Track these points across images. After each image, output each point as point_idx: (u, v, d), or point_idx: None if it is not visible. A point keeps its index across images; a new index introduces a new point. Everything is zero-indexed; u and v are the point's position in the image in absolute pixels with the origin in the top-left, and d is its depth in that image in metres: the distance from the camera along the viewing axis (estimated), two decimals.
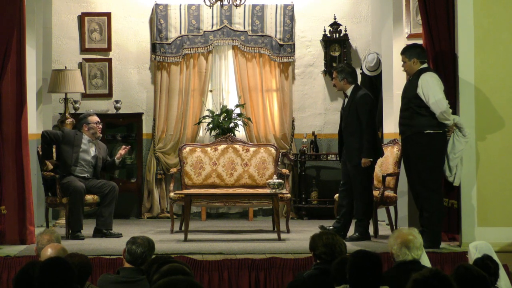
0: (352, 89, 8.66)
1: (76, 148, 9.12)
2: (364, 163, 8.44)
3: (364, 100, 8.57)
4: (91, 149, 9.22)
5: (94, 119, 9.33)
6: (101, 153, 9.32)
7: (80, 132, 9.27)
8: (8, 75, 8.18)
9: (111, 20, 11.13)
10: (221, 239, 8.72)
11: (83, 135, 9.23)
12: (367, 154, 8.45)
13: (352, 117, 8.56)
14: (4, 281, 7.13)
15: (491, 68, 8.08)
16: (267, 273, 7.18)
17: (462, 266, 4.25)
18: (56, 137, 9.14)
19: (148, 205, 11.05)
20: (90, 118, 9.33)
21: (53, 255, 4.74)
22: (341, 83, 8.71)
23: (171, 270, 4.14)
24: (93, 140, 9.26)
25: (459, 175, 7.91)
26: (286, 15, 11.15)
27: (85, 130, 9.25)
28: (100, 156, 9.28)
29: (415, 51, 7.99)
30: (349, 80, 8.68)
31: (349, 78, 8.68)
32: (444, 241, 8.10)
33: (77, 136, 9.21)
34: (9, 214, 8.24)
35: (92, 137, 9.24)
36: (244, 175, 9.84)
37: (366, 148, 8.45)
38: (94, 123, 9.28)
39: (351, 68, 8.83)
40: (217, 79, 11.22)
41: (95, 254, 7.44)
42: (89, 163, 9.17)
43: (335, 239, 5.23)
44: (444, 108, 7.73)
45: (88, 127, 9.25)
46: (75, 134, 9.25)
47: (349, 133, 8.62)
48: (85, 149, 9.18)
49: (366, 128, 8.49)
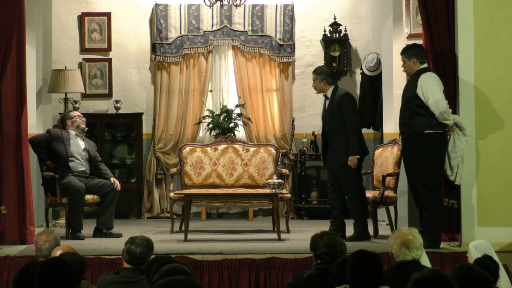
0: (332, 90, 8.65)
1: (66, 142, 9.13)
2: (351, 161, 8.44)
3: (346, 99, 8.58)
4: (80, 143, 9.24)
5: (75, 113, 9.47)
6: (91, 148, 9.32)
7: (65, 130, 9.30)
8: (8, 75, 8.18)
9: (111, 20, 11.13)
10: (221, 239, 8.72)
11: (69, 131, 9.25)
12: (353, 152, 8.45)
13: (336, 117, 8.55)
14: (4, 281, 7.13)
15: (491, 68, 8.08)
16: (267, 273, 7.18)
17: (465, 265, 4.24)
18: (44, 139, 9.12)
19: (148, 205, 11.05)
20: (71, 113, 9.45)
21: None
22: (320, 84, 8.70)
23: (171, 270, 4.14)
24: (80, 133, 9.26)
25: (460, 174, 7.91)
26: (286, 15, 11.15)
27: (69, 125, 9.29)
28: (90, 149, 9.28)
29: (414, 51, 7.99)
30: (329, 81, 8.67)
31: (328, 79, 8.67)
32: (444, 241, 8.09)
33: (64, 132, 9.25)
34: (9, 214, 8.23)
35: (77, 130, 9.26)
36: (244, 175, 9.83)
37: (352, 146, 8.45)
38: (76, 116, 9.36)
39: (330, 69, 8.83)
40: (217, 79, 11.22)
41: (95, 254, 7.44)
42: (83, 156, 9.18)
43: (336, 239, 5.23)
44: (443, 109, 7.73)
45: (72, 121, 9.30)
46: (61, 131, 9.29)
47: (333, 133, 8.61)
48: (74, 143, 9.20)
49: (351, 127, 8.48)
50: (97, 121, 10.77)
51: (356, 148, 8.46)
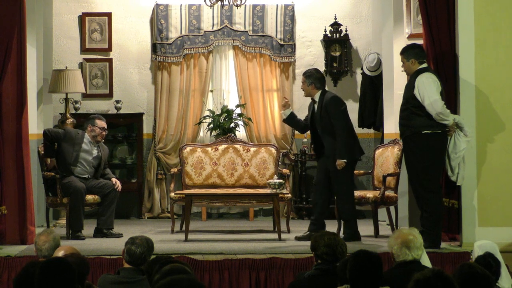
0: (320, 94, 8.67)
1: (77, 147, 9.09)
2: (339, 165, 8.44)
3: (334, 102, 8.60)
4: (93, 150, 9.18)
5: (102, 124, 9.23)
6: (104, 156, 9.29)
7: (82, 131, 9.25)
8: (8, 75, 8.17)
9: (111, 20, 11.13)
10: (222, 239, 8.72)
11: (85, 134, 9.20)
12: (341, 155, 8.45)
13: (326, 120, 8.59)
14: (4, 281, 7.13)
15: (492, 68, 8.07)
16: (268, 273, 7.18)
17: (466, 264, 4.24)
18: (58, 135, 9.12)
19: (149, 205, 11.05)
20: (98, 122, 9.24)
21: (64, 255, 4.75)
22: (308, 88, 8.73)
23: (172, 270, 4.14)
24: (93, 142, 9.21)
25: (462, 175, 7.89)
26: (287, 15, 11.15)
27: (88, 131, 9.20)
28: (104, 158, 9.26)
29: (413, 52, 7.98)
30: (317, 86, 8.69)
31: (317, 83, 8.69)
32: (444, 241, 8.09)
33: (79, 135, 9.18)
34: (9, 214, 8.23)
35: (92, 139, 9.20)
36: (245, 175, 9.83)
37: (339, 150, 8.45)
38: (99, 127, 9.19)
39: (320, 74, 8.82)
40: (217, 79, 11.22)
41: (96, 254, 7.44)
42: (90, 163, 9.15)
43: (336, 239, 5.23)
44: (439, 110, 7.70)
45: (92, 129, 9.19)
46: (77, 133, 9.22)
47: (327, 135, 8.63)
48: (86, 149, 9.15)
49: (339, 130, 8.49)
50: None
51: (344, 152, 8.46)
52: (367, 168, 10.45)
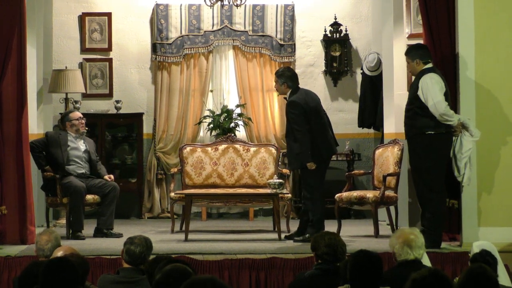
0: (289, 94, 8.62)
1: (64, 147, 9.07)
2: (309, 167, 8.41)
3: (289, 107, 8.53)
4: (80, 145, 9.20)
5: (76, 115, 9.30)
6: (91, 148, 9.29)
7: (64, 131, 9.24)
8: (8, 75, 8.17)
9: (111, 20, 11.13)
10: (222, 239, 8.72)
11: (67, 133, 9.20)
12: (304, 159, 8.39)
13: (288, 122, 8.58)
14: (4, 281, 7.12)
15: (492, 67, 8.07)
16: (268, 273, 7.18)
17: (478, 265, 4.20)
18: (43, 143, 9.07)
19: (149, 205, 11.05)
20: (72, 115, 9.29)
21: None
22: (281, 88, 8.68)
23: (173, 270, 4.12)
24: (79, 136, 9.22)
25: (468, 175, 7.86)
26: (287, 15, 11.15)
27: (68, 127, 9.22)
28: (91, 150, 9.26)
29: (417, 52, 7.98)
30: (289, 84, 8.61)
31: (289, 82, 8.62)
32: (444, 241, 8.08)
33: (62, 136, 9.16)
34: (9, 214, 8.23)
35: (76, 133, 9.20)
36: (245, 175, 9.83)
37: (302, 153, 8.39)
38: (76, 119, 9.23)
39: (291, 72, 8.76)
40: (217, 79, 11.22)
41: (96, 254, 7.44)
42: (82, 158, 9.15)
43: (337, 239, 5.24)
44: (442, 111, 7.70)
45: (71, 124, 9.22)
46: (59, 135, 9.20)
47: (287, 137, 8.67)
48: (74, 146, 9.14)
49: (298, 134, 8.41)
50: (98, 121, 10.76)
51: (306, 155, 8.38)
52: (367, 168, 10.44)
